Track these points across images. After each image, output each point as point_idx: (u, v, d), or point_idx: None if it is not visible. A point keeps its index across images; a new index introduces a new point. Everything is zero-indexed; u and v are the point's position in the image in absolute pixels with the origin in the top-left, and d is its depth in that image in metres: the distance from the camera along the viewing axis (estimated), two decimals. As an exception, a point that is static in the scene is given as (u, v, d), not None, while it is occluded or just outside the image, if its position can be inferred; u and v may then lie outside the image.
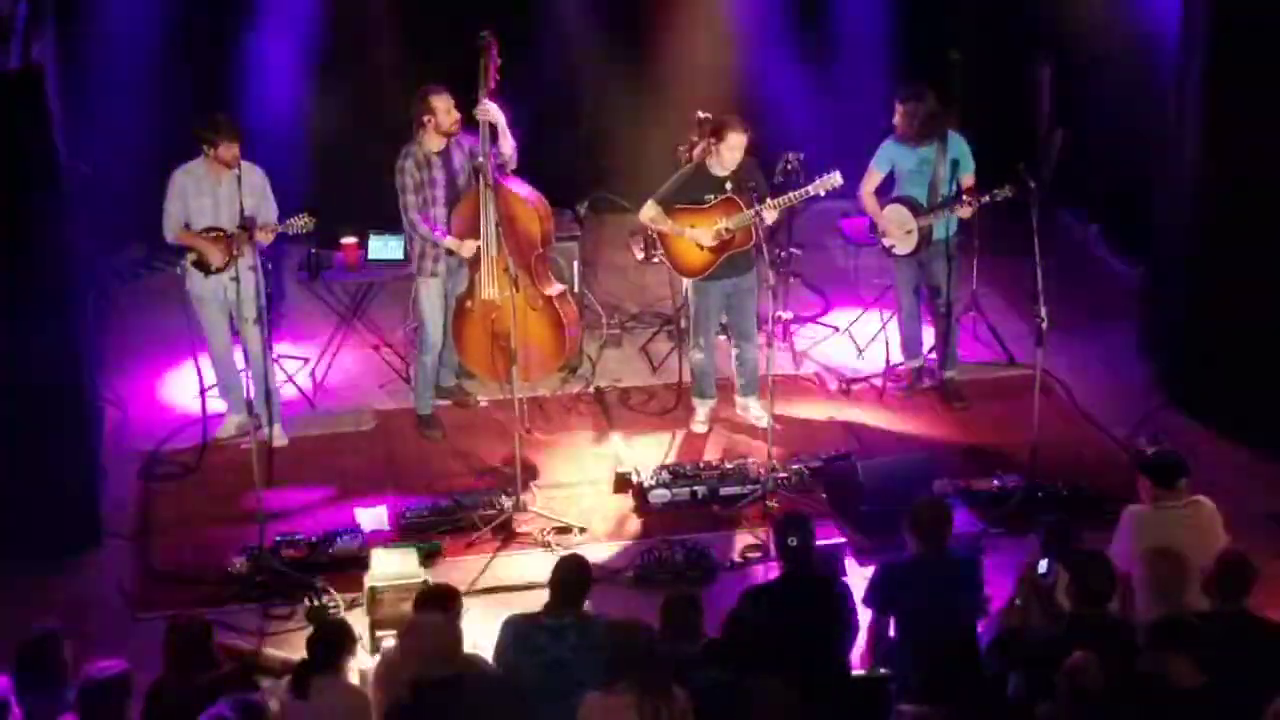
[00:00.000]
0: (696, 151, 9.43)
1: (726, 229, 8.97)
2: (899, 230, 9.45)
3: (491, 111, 8.81)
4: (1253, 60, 8.87)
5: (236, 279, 8.40)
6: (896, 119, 9.36)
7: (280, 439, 9.24)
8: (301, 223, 8.84)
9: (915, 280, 9.69)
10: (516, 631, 6.55)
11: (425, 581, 7.49)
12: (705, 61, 11.53)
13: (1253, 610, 6.54)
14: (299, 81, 11.09)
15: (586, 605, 6.65)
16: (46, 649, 6.31)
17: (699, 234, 9.01)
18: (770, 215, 8.89)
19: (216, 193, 8.81)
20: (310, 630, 6.61)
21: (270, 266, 9.49)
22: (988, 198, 9.17)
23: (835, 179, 8.91)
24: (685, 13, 11.57)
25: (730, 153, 8.89)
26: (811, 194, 8.96)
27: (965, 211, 9.29)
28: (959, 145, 9.39)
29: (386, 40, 11.20)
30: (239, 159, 8.68)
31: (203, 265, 8.87)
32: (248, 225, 8.49)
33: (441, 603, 6.58)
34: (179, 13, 10.76)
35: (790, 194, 9.00)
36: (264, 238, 8.69)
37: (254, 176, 8.85)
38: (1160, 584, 6.94)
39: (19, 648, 6.32)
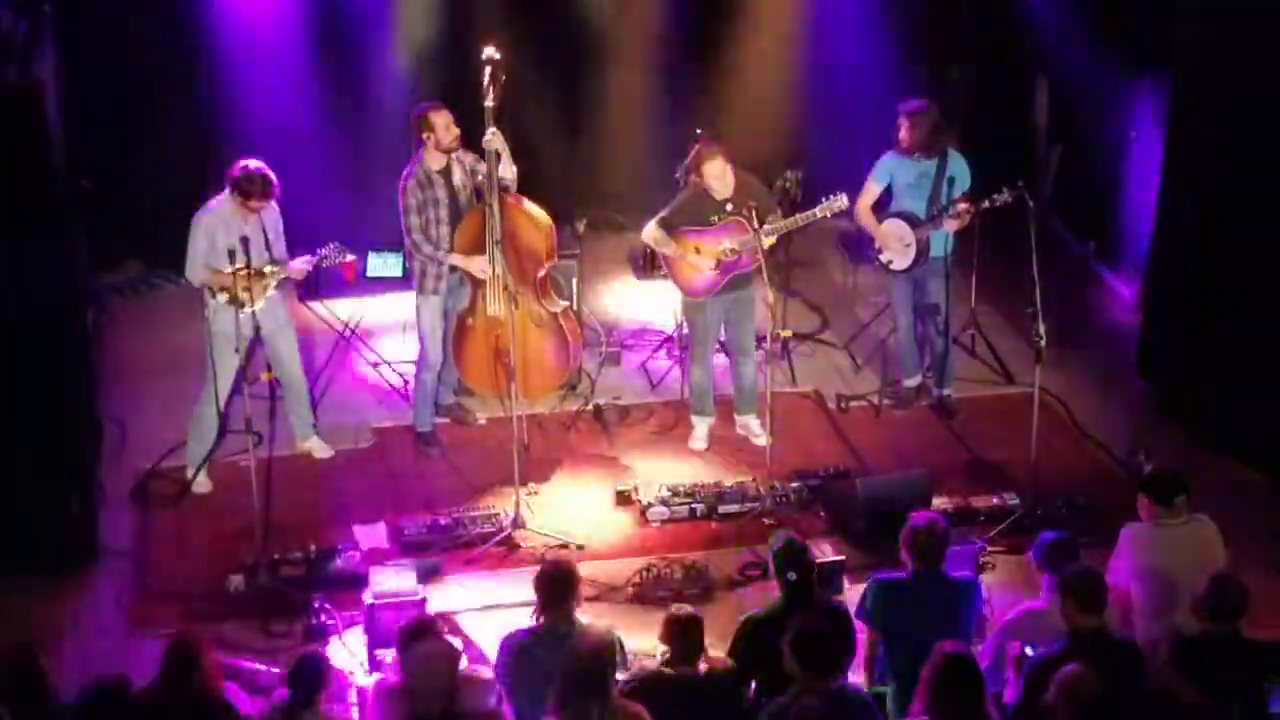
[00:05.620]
0: (694, 174, 9.41)
1: (731, 250, 8.95)
2: (897, 244, 9.46)
3: (497, 139, 8.75)
4: (1240, 78, 8.89)
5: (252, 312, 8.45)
6: (901, 132, 9.36)
7: (325, 451, 9.32)
8: (336, 256, 8.87)
9: (912, 297, 9.69)
10: (516, 647, 6.52)
11: (423, 600, 7.48)
12: (704, 77, 11.56)
13: (1246, 632, 6.51)
14: (298, 98, 11.09)
15: (587, 618, 6.62)
16: (21, 663, 6.17)
17: (702, 260, 8.99)
18: (768, 240, 8.86)
19: (244, 231, 8.63)
20: (292, 666, 6.38)
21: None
22: (987, 203, 9.20)
23: (841, 202, 8.90)
24: (682, 29, 11.58)
25: (716, 181, 8.87)
26: (818, 216, 8.94)
27: (961, 221, 9.30)
28: (958, 163, 9.41)
29: (385, 57, 11.21)
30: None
31: (237, 301, 8.42)
32: (281, 261, 8.62)
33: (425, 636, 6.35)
34: (178, 31, 10.77)
35: (796, 216, 9.00)
36: (288, 272, 8.76)
37: (271, 213, 8.80)
38: (1153, 605, 6.96)
39: None
